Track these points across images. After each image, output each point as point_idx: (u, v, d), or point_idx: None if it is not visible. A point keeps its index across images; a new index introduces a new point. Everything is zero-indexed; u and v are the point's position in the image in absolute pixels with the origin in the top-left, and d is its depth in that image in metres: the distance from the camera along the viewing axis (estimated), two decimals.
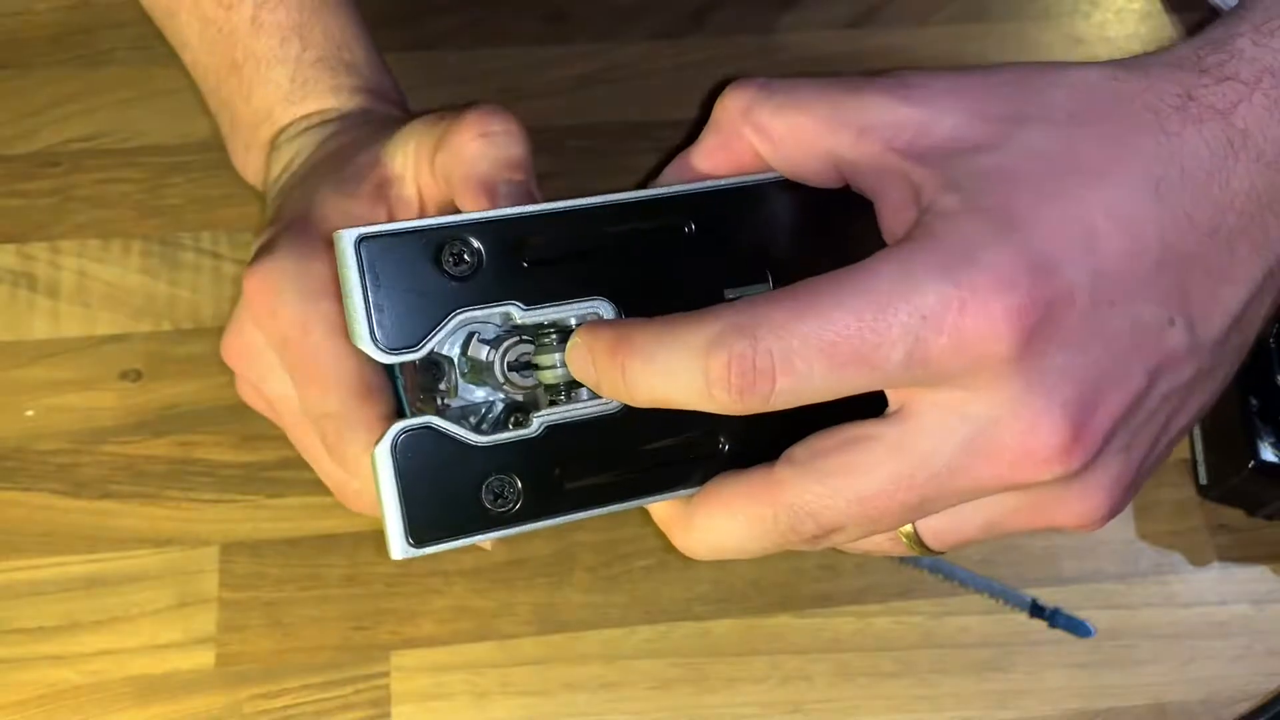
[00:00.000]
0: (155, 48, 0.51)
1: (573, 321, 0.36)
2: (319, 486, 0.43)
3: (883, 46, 0.70)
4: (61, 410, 0.56)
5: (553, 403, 0.37)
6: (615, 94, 0.66)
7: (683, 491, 0.37)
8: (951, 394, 0.32)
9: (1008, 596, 0.53)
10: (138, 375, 0.56)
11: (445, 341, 0.36)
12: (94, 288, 0.58)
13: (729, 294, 0.38)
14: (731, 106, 0.36)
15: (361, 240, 0.34)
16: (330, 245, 0.41)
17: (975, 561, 0.54)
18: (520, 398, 0.37)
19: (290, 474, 0.54)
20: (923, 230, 0.32)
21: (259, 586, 0.52)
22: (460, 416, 0.37)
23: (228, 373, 0.43)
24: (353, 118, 0.48)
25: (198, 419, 0.55)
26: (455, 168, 0.41)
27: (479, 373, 0.37)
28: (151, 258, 0.59)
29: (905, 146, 0.34)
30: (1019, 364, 0.31)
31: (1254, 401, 0.54)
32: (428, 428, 0.35)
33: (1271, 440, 0.54)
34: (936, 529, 0.36)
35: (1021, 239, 0.31)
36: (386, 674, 0.51)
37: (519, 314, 0.36)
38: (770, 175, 0.38)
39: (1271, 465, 0.54)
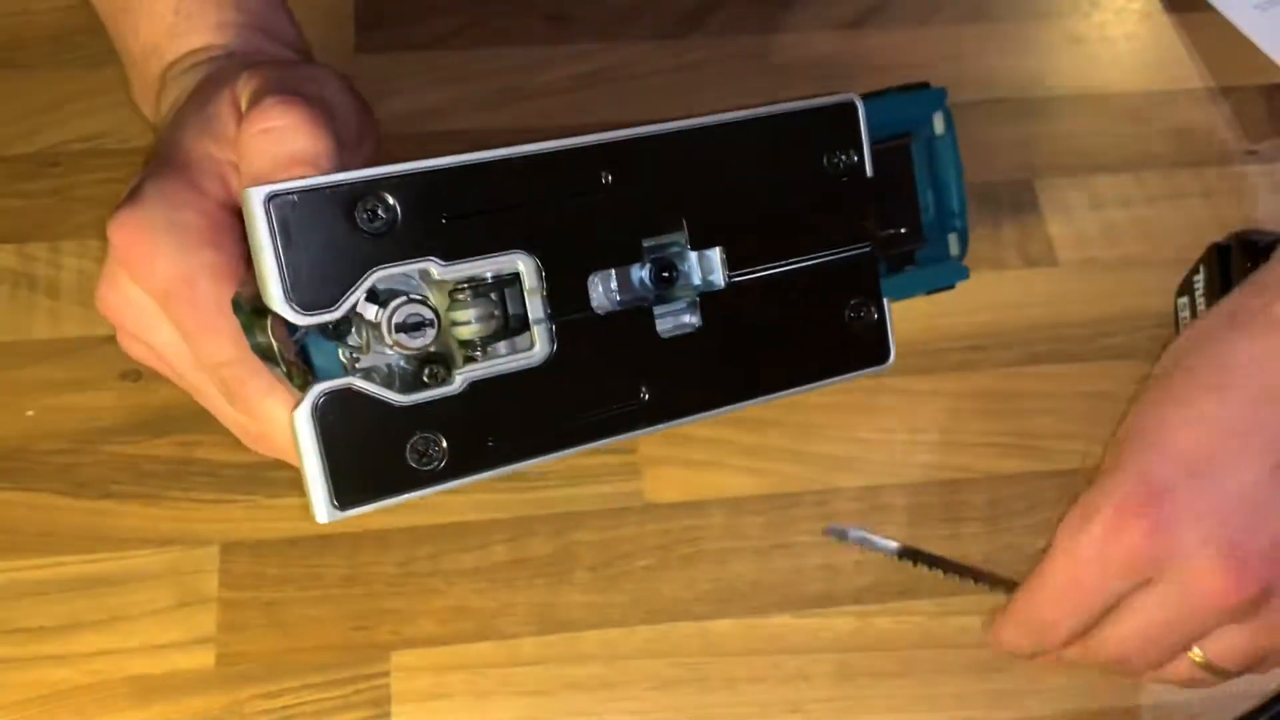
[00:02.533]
0: None
1: (489, 276, 0.36)
2: None
3: (883, 46, 0.70)
4: (61, 410, 0.56)
5: (469, 359, 0.36)
6: (615, 94, 0.66)
7: (604, 441, 0.37)
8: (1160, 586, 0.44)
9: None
10: (138, 375, 0.56)
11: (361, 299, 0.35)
12: (94, 288, 0.58)
13: (646, 244, 0.38)
14: None
15: (271, 198, 0.33)
16: (196, 188, 0.40)
17: (975, 562, 0.54)
18: (407, 359, 0.36)
19: (290, 474, 0.53)
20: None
21: (259, 586, 0.52)
22: (372, 373, 0.36)
23: None
24: (240, 57, 0.46)
25: (198, 419, 0.54)
26: (240, 161, 0.39)
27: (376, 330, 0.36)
28: None
29: None
30: (1170, 551, 0.43)
31: None
32: (348, 389, 0.35)
33: None
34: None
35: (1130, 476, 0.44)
36: (386, 674, 0.51)
37: (437, 270, 0.35)
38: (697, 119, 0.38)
39: None
